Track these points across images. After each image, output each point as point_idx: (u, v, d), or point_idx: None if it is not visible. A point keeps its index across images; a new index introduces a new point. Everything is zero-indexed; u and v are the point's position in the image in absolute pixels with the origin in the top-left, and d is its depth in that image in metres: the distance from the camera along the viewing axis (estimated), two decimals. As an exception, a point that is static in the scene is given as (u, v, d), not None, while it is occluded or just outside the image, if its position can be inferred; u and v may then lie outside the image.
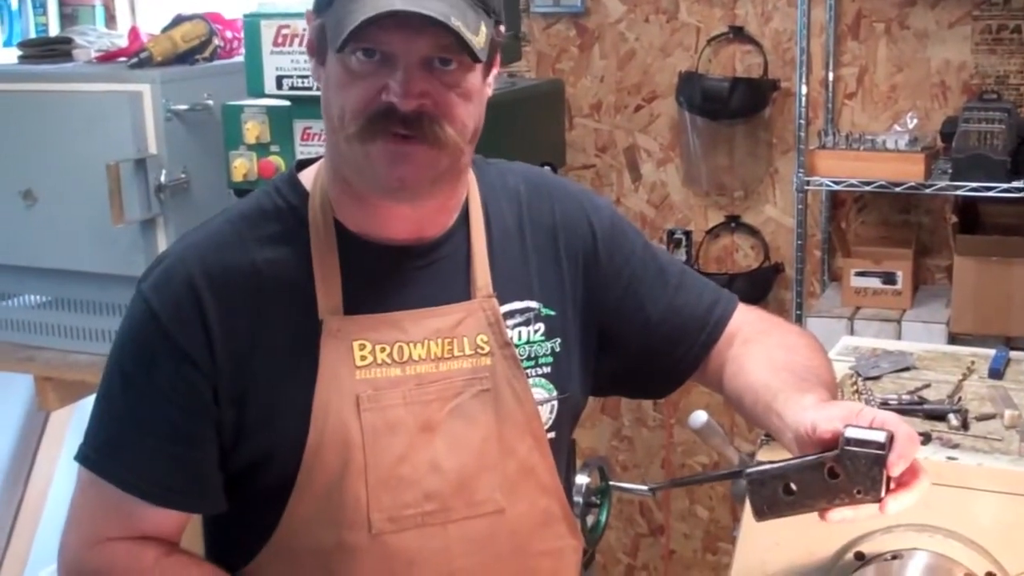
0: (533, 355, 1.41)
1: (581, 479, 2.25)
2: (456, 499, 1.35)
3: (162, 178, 2.57)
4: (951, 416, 1.46)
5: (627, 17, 3.36)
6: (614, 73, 3.41)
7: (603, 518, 2.33)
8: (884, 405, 1.49)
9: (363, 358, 1.32)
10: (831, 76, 3.16)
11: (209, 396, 1.30)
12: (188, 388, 1.30)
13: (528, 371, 1.41)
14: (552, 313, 1.43)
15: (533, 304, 1.42)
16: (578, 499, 2.23)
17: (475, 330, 1.37)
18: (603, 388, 1.57)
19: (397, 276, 1.36)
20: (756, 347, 1.47)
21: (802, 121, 3.05)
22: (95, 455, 1.36)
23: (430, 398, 1.34)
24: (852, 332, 2.89)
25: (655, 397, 1.66)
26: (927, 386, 1.58)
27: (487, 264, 1.40)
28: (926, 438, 1.40)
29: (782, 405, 1.29)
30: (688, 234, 3.41)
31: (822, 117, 3.17)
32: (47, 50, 3.05)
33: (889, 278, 3.02)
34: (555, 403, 1.43)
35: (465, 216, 1.41)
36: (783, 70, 3.22)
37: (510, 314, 1.40)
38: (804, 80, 3.06)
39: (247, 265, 1.33)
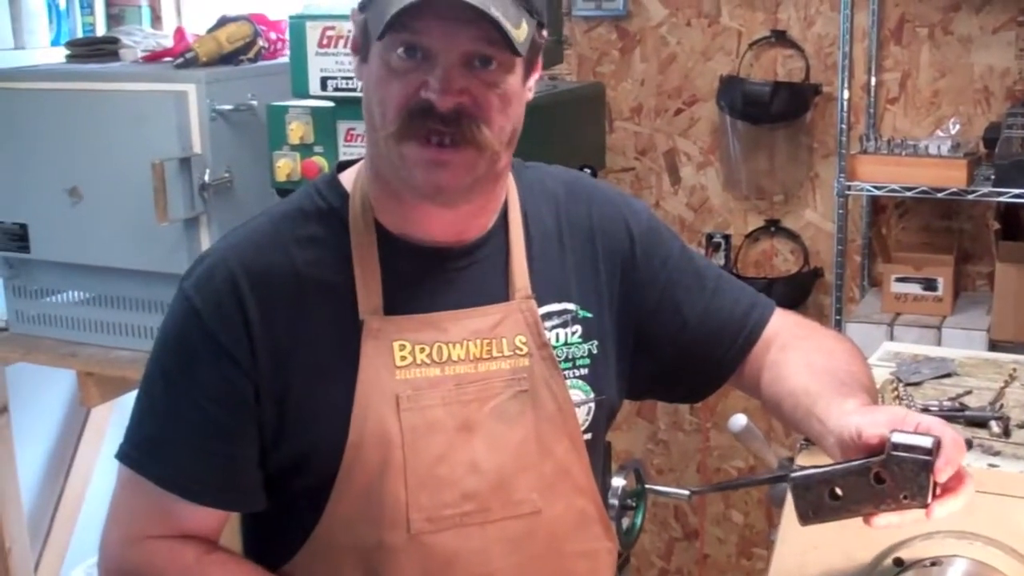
0: (570, 357, 1.42)
1: (617, 482, 2.24)
2: (494, 499, 1.35)
3: (206, 177, 2.59)
4: (992, 423, 1.46)
5: (669, 21, 3.36)
6: (655, 77, 3.41)
7: (638, 521, 2.33)
8: (925, 411, 1.49)
9: (403, 358, 1.33)
10: (873, 81, 3.15)
11: (250, 394, 1.31)
12: (229, 386, 1.31)
13: (565, 372, 1.41)
14: (589, 315, 1.44)
15: (571, 306, 1.43)
16: (614, 502, 2.23)
17: (514, 331, 1.37)
18: (639, 391, 1.57)
19: (437, 277, 1.37)
20: (795, 352, 1.47)
21: (844, 126, 3.04)
22: (135, 453, 1.36)
23: (469, 398, 1.34)
24: (892, 338, 2.88)
25: (691, 401, 1.66)
26: (968, 393, 1.57)
27: (525, 266, 1.40)
28: (967, 445, 1.39)
29: (823, 410, 1.29)
30: (727, 238, 3.41)
31: (864, 122, 3.16)
32: (94, 50, 3.09)
33: (930, 284, 3.00)
34: (592, 405, 1.43)
35: (504, 218, 1.41)
36: (825, 75, 3.21)
37: (548, 316, 1.41)
38: (846, 85, 3.05)
39: (288, 265, 1.33)
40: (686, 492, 2.51)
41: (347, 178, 1.41)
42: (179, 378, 1.34)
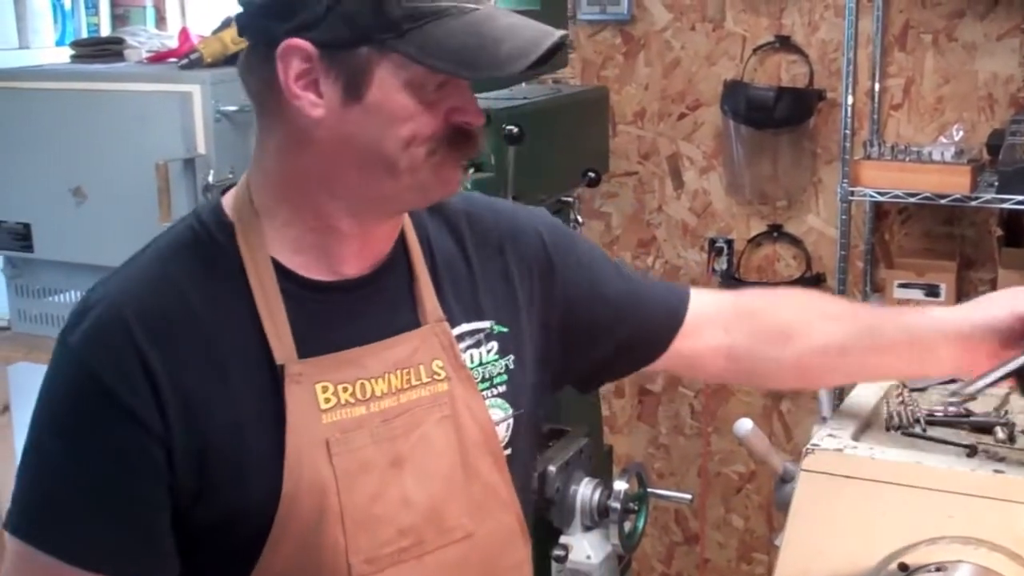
0: (488, 376, 1.39)
1: (619, 485, 2.25)
2: (428, 530, 1.31)
3: (210, 178, 2.59)
4: (998, 429, 1.46)
5: (673, 25, 3.37)
6: (659, 81, 3.41)
7: (640, 525, 2.34)
8: (931, 417, 1.49)
9: (327, 400, 1.26)
10: (877, 87, 3.15)
11: (161, 459, 1.21)
12: (137, 450, 1.21)
13: (484, 392, 1.38)
14: (505, 330, 1.41)
15: (484, 324, 1.40)
16: (616, 505, 2.24)
17: (430, 356, 1.34)
18: (588, 380, 1.57)
19: (345, 311, 1.30)
20: (792, 309, 1.52)
21: (847, 131, 3.05)
22: (27, 522, 1.24)
23: (396, 433, 1.30)
24: (894, 344, 2.87)
25: (645, 364, 1.60)
26: (973, 398, 1.57)
27: (432, 289, 1.36)
28: (972, 451, 1.40)
29: (924, 320, 1.41)
30: (730, 243, 3.41)
31: (867, 128, 3.16)
32: (99, 50, 3.09)
33: (932, 290, 3.00)
34: (511, 421, 1.41)
35: (402, 243, 1.37)
36: (829, 80, 3.21)
37: (461, 337, 1.38)
38: (850, 90, 3.05)
39: (185, 308, 1.24)
40: (688, 496, 2.52)
41: (228, 208, 1.30)
42: (78, 443, 1.22)
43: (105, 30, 3.82)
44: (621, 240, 3.56)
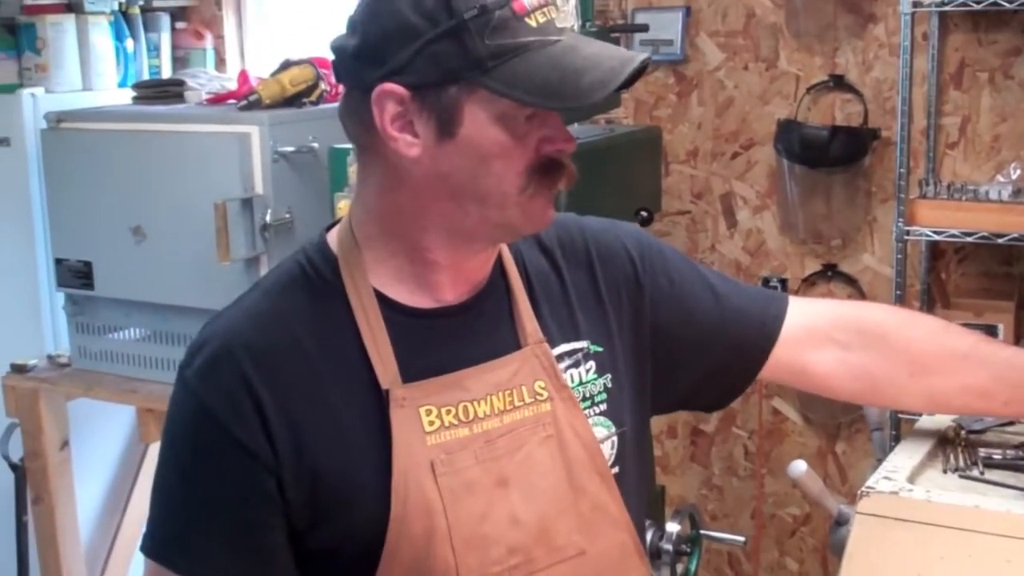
0: (588, 395, 1.42)
1: (671, 527, 2.24)
2: (538, 548, 1.34)
3: (267, 217, 2.63)
4: (1057, 473, 1.44)
5: (726, 65, 3.38)
6: (711, 120, 3.42)
7: (693, 567, 2.32)
8: (989, 459, 1.48)
9: (431, 423, 1.31)
10: (933, 125, 3.13)
11: (272, 487, 1.28)
12: (249, 479, 1.28)
13: (586, 411, 1.41)
14: (600, 349, 1.44)
15: (581, 344, 1.43)
16: (668, 547, 2.22)
17: (532, 377, 1.37)
18: (671, 405, 1.58)
19: (446, 336, 1.35)
20: (918, 330, 1.54)
21: (903, 170, 3.03)
22: (160, 547, 1.33)
23: (500, 453, 1.33)
24: (951, 385, 2.84)
25: (722, 406, 1.61)
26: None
27: (531, 311, 1.40)
28: (1031, 494, 1.38)
29: None
30: (784, 282, 3.39)
31: (923, 166, 3.14)
32: (160, 91, 3.15)
33: (990, 331, 2.96)
34: (615, 439, 1.43)
35: (499, 266, 1.41)
36: (883, 119, 3.20)
37: (560, 357, 1.41)
38: (905, 129, 3.03)
39: (293, 342, 1.30)
40: (741, 538, 2.49)
41: (333, 242, 1.37)
42: (197, 473, 1.31)
43: (166, 72, 3.91)
44: (674, 279, 3.55)
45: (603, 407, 1.43)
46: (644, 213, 2.64)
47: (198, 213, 2.63)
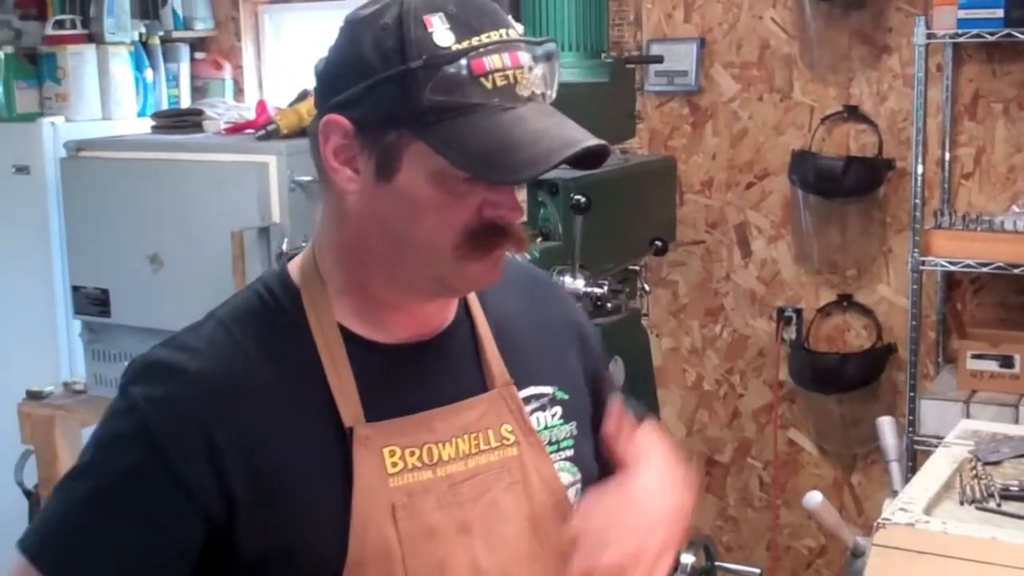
0: (555, 439, 1.38)
1: (686, 558, 2.23)
2: None
3: (284, 246, 2.64)
4: (1074, 504, 1.43)
5: (740, 96, 3.39)
6: (726, 151, 3.43)
7: (708, 598, 2.31)
8: (1006, 491, 1.47)
9: (394, 464, 1.24)
10: (947, 156, 3.14)
11: (197, 535, 1.19)
12: (173, 520, 1.19)
13: (552, 455, 1.37)
14: (566, 396, 1.40)
15: (547, 389, 1.39)
16: (683, 577, 2.22)
17: (499, 420, 1.32)
18: None
19: (412, 375, 1.29)
20: None
21: (917, 201, 3.03)
22: (39, 547, 1.23)
23: (464, 498, 1.28)
24: (968, 415, 2.84)
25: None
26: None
27: (498, 352, 1.35)
28: (1048, 526, 1.38)
29: None
30: (799, 312, 3.39)
31: (938, 197, 3.15)
32: (178, 121, 3.17)
33: (1007, 361, 2.96)
34: (579, 485, 1.39)
35: (465, 307, 1.36)
36: (898, 149, 3.21)
37: (526, 400, 1.37)
38: (920, 160, 3.04)
39: (252, 376, 1.23)
40: (756, 570, 2.48)
41: (295, 274, 1.30)
42: (111, 500, 1.20)
43: (185, 102, 3.94)
44: (688, 309, 3.56)
45: (569, 452, 1.39)
46: (659, 243, 2.65)
47: (215, 242, 2.64)
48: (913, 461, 2.95)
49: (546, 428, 1.37)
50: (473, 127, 1.15)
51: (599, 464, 1.42)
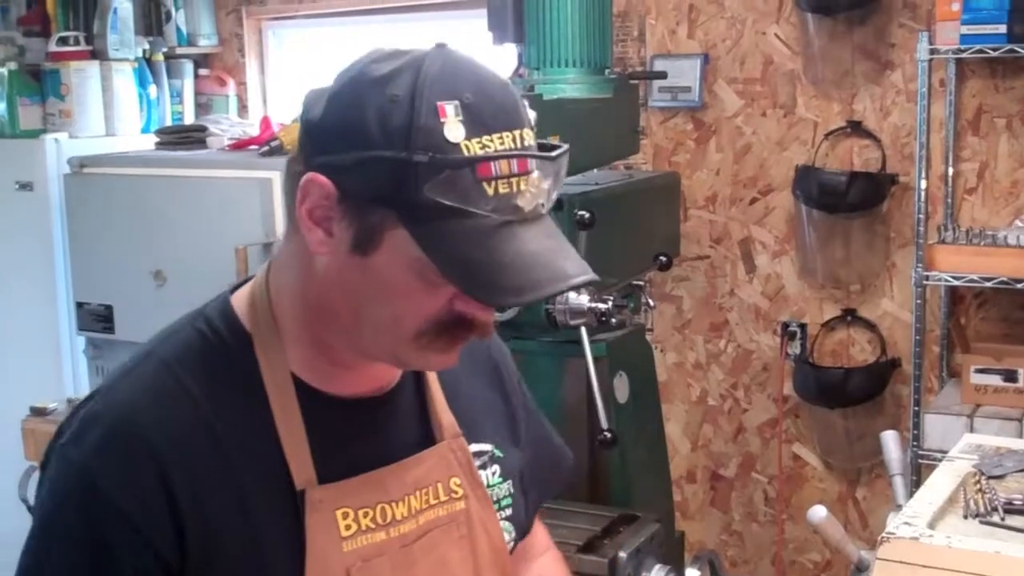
0: (496, 497, 1.36)
1: (691, 573, 2.23)
2: None
3: (287, 262, 2.64)
4: (1079, 519, 1.43)
5: (744, 111, 3.39)
6: (730, 166, 3.43)
7: (713, 613, 2.31)
8: (1009, 505, 1.47)
9: (347, 527, 1.20)
10: (951, 171, 3.14)
11: None
12: (140, 570, 1.13)
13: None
14: (502, 455, 1.38)
15: (486, 447, 1.36)
16: (688, 593, 2.21)
17: (447, 473, 1.29)
18: None
19: (364, 431, 1.24)
20: None
21: (921, 215, 3.03)
22: None
23: (415, 558, 1.25)
24: (972, 430, 2.83)
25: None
26: (1053, 487, 1.54)
27: (445, 403, 1.31)
28: (1053, 541, 1.37)
29: None
30: (803, 327, 3.39)
31: (941, 212, 3.15)
32: (182, 137, 3.19)
33: (1010, 375, 2.95)
34: (512, 544, 1.38)
35: None
36: (901, 164, 3.21)
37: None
38: (923, 175, 3.04)
39: (201, 424, 1.16)
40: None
41: (242, 312, 1.23)
42: (77, 563, 1.14)
43: (189, 118, 3.95)
44: (693, 324, 3.56)
45: (508, 512, 1.37)
46: (663, 258, 2.65)
47: (219, 258, 2.65)
48: (917, 475, 2.95)
49: (488, 486, 1.34)
50: (465, 235, 1.07)
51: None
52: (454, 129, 1.07)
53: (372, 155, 1.07)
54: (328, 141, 1.11)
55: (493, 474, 1.35)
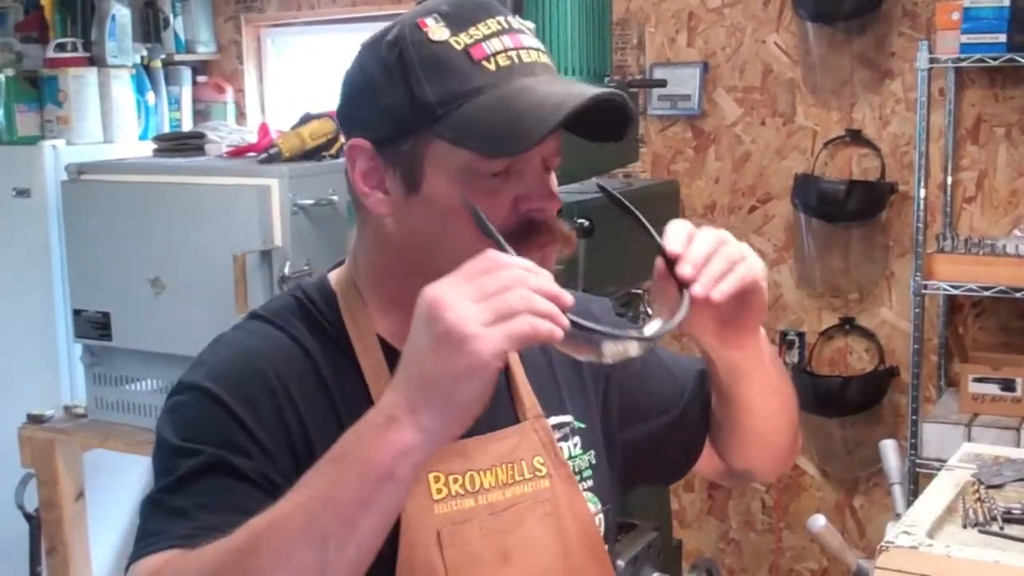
0: (577, 470, 1.36)
1: (689, 581, 2.23)
2: None
3: (286, 270, 2.64)
4: (1078, 528, 1.43)
5: (743, 120, 3.39)
6: (729, 175, 3.43)
7: (711, 622, 2.30)
8: (1008, 514, 1.46)
9: (439, 491, 1.23)
10: (950, 180, 3.14)
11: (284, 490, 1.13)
12: (265, 480, 1.16)
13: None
14: (583, 425, 1.39)
15: (567, 418, 1.37)
16: (686, 601, 2.21)
17: (531, 452, 1.31)
18: (640, 474, 1.49)
19: None
20: None
21: (920, 224, 3.03)
22: (158, 536, 1.14)
23: (504, 527, 1.27)
24: (970, 439, 2.83)
25: (675, 479, 1.55)
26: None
27: (527, 383, 1.34)
28: None
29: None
30: (801, 335, 3.39)
31: (940, 221, 3.15)
32: (180, 144, 3.18)
33: (1008, 385, 2.95)
34: (601, 515, 1.38)
35: None
36: (900, 173, 3.21)
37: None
38: (922, 184, 3.04)
39: (312, 368, 1.22)
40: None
41: (335, 283, 1.29)
42: (209, 469, 1.15)
43: (187, 125, 3.95)
44: (691, 332, 3.55)
45: (590, 483, 1.38)
46: (661, 266, 2.64)
47: (217, 265, 2.63)
48: (915, 484, 2.94)
49: (569, 458, 1.35)
50: (480, 108, 1.13)
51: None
52: (438, 32, 1.16)
53: (385, 93, 1.16)
54: (351, 109, 1.22)
55: (575, 446, 1.37)
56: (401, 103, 1.16)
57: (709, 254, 1.20)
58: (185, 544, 1.10)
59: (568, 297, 1.07)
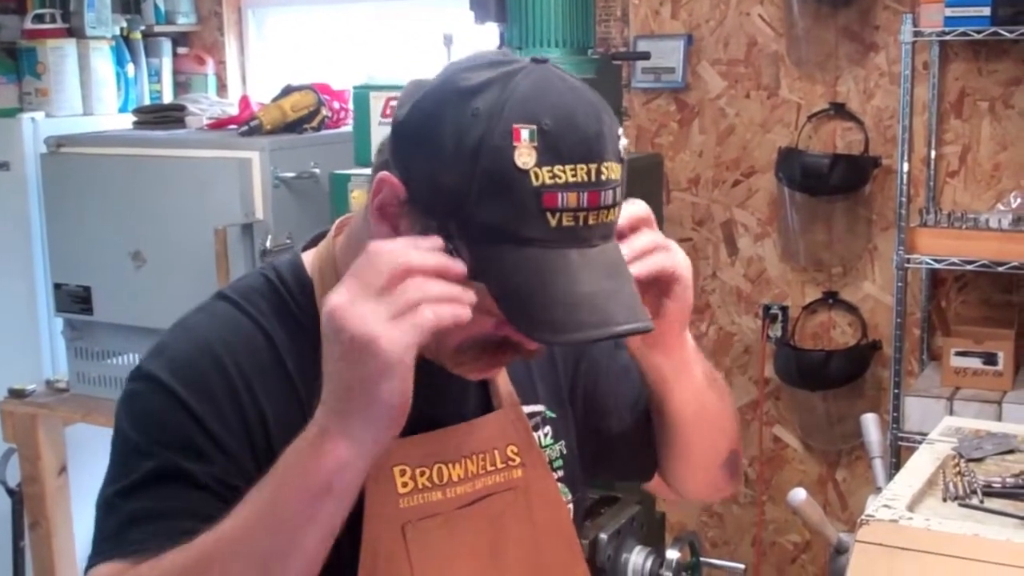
0: (548, 459, 1.36)
1: (672, 554, 2.23)
2: None
3: (267, 243, 2.63)
4: (1058, 502, 1.43)
5: (727, 93, 3.38)
6: (713, 148, 3.42)
7: (693, 595, 2.31)
8: (988, 488, 1.47)
9: (404, 484, 1.21)
10: (933, 154, 3.14)
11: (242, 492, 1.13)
12: (218, 480, 1.15)
13: None
14: (554, 415, 1.38)
15: (539, 408, 1.36)
16: (668, 574, 2.21)
17: (504, 441, 1.30)
18: (608, 464, 1.49)
19: (423, 392, 1.16)
20: None
21: (903, 199, 3.03)
22: (116, 542, 1.13)
23: (471, 520, 1.26)
24: (951, 412, 2.84)
25: (643, 478, 1.52)
26: (1033, 470, 1.54)
27: (505, 372, 1.31)
28: (1032, 523, 1.37)
29: None
30: (784, 309, 3.39)
31: (923, 195, 3.15)
32: (160, 116, 3.16)
33: (990, 359, 2.96)
34: (571, 506, 1.38)
35: None
36: (884, 147, 3.20)
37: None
38: (906, 158, 3.03)
39: (275, 356, 1.20)
40: (741, 566, 2.49)
41: (308, 264, 1.26)
42: (167, 473, 1.14)
43: (167, 97, 3.92)
44: (674, 306, 3.55)
45: (560, 473, 1.37)
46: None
47: (198, 238, 2.63)
48: (897, 457, 2.95)
49: (541, 448, 1.34)
50: (517, 263, 1.06)
51: None
52: (525, 154, 1.04)
53: (441, 167, 1.06)
54: (406, 144, 1.11)
55: (546, 435, 1.36)
56: (452, 194, 1.06)
57: (635, 229, 1.21)
58: (138, 553, 1.11)
59: (459, 265, 1.06)
